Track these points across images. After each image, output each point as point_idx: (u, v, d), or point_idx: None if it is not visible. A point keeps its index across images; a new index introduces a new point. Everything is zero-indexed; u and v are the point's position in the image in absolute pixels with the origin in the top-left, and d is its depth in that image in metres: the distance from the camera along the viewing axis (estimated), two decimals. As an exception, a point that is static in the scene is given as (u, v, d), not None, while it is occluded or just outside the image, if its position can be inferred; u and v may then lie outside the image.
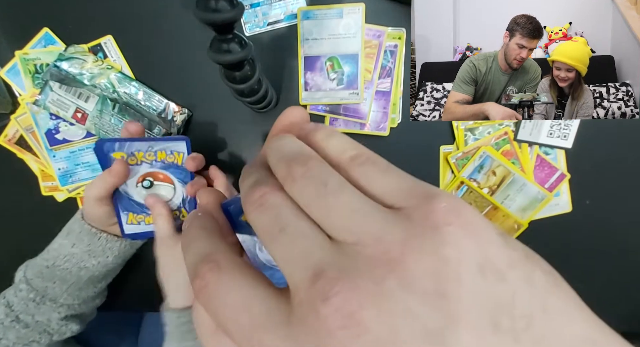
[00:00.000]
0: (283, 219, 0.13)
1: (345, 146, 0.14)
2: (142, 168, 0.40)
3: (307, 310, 0.10)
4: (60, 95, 0.46)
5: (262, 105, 0.43)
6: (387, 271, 0.10)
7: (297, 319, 0.11)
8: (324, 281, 0.10)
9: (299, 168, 0.13)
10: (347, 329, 0.10)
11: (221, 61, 0.30)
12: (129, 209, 0.41)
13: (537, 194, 0.46)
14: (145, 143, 0.39)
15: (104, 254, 0.42)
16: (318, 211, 0.12)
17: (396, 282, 0.10)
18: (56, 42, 0.47)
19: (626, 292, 0.48)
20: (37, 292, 0.40)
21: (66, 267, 0.41)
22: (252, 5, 0.45)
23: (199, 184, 0.42)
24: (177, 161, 0.41)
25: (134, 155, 0.39)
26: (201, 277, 0.13)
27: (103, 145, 0.38)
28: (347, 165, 0.14)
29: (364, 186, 0.13)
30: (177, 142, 0.41)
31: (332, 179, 0.13)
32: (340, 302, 0.10)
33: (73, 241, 0.41)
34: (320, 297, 0.10)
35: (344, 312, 0.10)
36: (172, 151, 0.41)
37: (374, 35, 0.44)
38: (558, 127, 0.45)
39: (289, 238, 0.12)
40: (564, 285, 0.11)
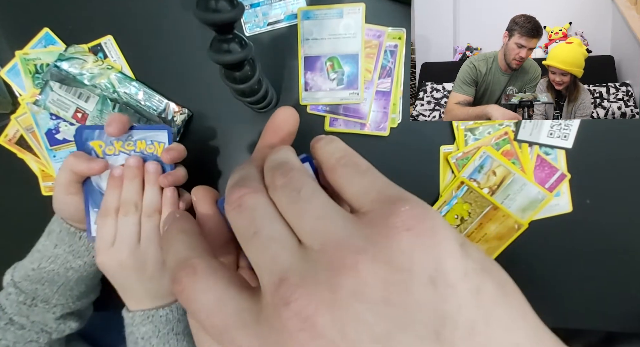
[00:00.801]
0: (257, 222, 0.13)
1: (335, 149, 0.15)
2: (120, 159, 0.37)
3: (272, 312, 0.11)
4: (60, 96, 0.46)
5: (262, 105, 0.43)
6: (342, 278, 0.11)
7: (265, 319, 0.12)
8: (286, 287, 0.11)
9: (280, 177, 0.14)
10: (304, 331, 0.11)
11: (221, 61, 0.30)
12: (99, 206, 0.38)
13: (537, 194, 0.45)
14: None
15: (88, 254, 0.41)
16: (292, 216, 0.13)
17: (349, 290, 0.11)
18: (56, 42, 0.47)
19: (627, 292, 0.48)
20: (27, 295, 0.39)
21: (52, 269, 0.39)
22: (252, 5, 0.45)
23: (175, 176, 0.39)
24: (157, 152, 0.38)
25: (113, 145, 0.37)
26: (178, 282, 0.14)
27: (82, 132, 0.37)
28: (333, 166, 0.15)
29: (342, 186, 0.14)
30: (158, 131, 0.38)
31: (307, 186, 0.14)
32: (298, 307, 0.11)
33: (55, 241, 0.40)
34: (282, 302, 0.11)
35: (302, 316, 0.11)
36: (152, 141, 0.38)
37: (374, 35, 0.44)
38: (558, 127, 0.45)
39: (261, 241, 0.13)
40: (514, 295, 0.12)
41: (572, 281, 0.47)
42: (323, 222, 0.13)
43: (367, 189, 0.13)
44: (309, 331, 0.11)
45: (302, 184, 0.14)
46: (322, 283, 0.11)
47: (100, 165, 0.36)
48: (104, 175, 0.38)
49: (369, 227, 0.12)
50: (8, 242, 0.51)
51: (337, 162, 0.15)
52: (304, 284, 0.11)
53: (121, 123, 0.36)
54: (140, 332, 0.38)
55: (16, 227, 0.51)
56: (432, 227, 0.11)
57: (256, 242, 0.13)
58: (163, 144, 0.38)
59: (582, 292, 0.47)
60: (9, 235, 0.51)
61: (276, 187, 0.14)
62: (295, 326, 0.11)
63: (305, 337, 0.11)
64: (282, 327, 0.11)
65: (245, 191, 0.14)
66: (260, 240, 0.13)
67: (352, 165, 0.14)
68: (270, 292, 0.12)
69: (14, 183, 0.50)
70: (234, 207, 0.14)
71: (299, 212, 0.13)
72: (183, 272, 0.14)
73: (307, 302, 0.11)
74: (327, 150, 0.15)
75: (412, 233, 0.11)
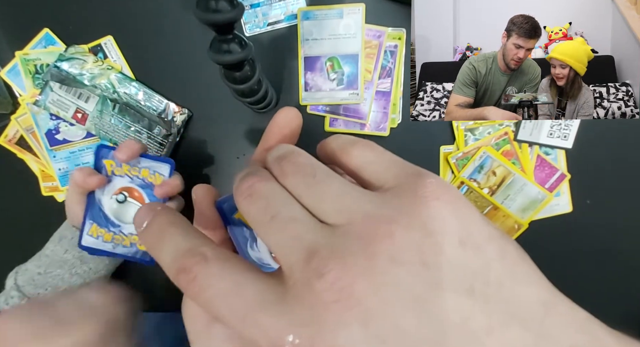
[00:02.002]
0: (273, 207, 0.13)
1: (347, 138, 0.16)
2: (123, 181, 0.40)
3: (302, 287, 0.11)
4: (60, 96, 0.46)
5: (262, 105, 0.43)
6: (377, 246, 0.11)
7: (293, 297, 0.11)
8: (317, 259, 0.11)
9: (290, 165, 0.14)
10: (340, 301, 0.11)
11: (221, 61, 0.30)
12: (95, 220, 0.41)
13: (537, 195, 0.46)
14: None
15: (94, 260, 0.42)
16: (311, 200, 0.13)
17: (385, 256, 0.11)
18: (56, 43, 0.47)
19: (627, 292, 0.48)
20: (29, 299, 0.39)
21: (58, 274, 0.40)
22: (252, 6, 0.45)
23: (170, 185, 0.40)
24: (156, 183, 0.41)
25: (121, 167, 0.40)
26: (188, 271, 0.13)
27: (101, 151, 0.39)
28: (349, 150, 0.15)
29: (361, 166, 0.14)
30: (162, 163, 0.40)
31: (319, 170, 0.14)
32: (333, 278, 0.11)
33: (65, 247, 0.41)
34: (315, 275, 0.11)
35: (338, 286, 0.11)
36: (154, 171, 0.40)
37: (374, 36, 0.44)
38: (558, 127, 0.45)
39: (281, 224, 0.13)
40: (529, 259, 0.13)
41: (572, 281, 0.47)
42: (346, 199, 0.13)
43: (388, 166, 0.14)
44: (345, 301, 0.11)
45: (315, 169, 0.14)
46: (356, 253, 0.11)
47: (94, 181, 0.38)
48: (106, 191, 0.40)
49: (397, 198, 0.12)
50: (8, 243, 0.51)
51: (352, 146, 0.15)
52: (337, 256, 0.11)
53: (131, 151, 0.38)
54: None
55: (16, 228, 0.51)
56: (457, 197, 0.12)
57: (276, 225, 0.13)
58: (163, 176, 0.40)
59: (582, 292, 0.47)
60: (9, 235, 0.51)
61: (287, 175, 0.14)
62: (331, 297, 0.11)
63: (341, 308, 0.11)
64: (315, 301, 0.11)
65: (255, 179, 0.14)
66: (279, 222, 0.13)
67: (368, 147, 0.15)
68: (299, 269, 0.12)
69: (14, 183, 0.50)
70: (245, 196, 0.14)
71: (318, 194, 0.13)
72: (192, 260, 0.13)
73: (343, 272, 0.11)
74: (339, 140, 0.16)
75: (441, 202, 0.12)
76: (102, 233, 0.41)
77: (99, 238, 0.41)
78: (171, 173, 0.40)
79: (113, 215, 0.41)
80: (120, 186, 0.40)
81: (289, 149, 0.15)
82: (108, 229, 0.41)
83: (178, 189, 0.40)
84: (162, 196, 0.39)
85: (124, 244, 0.41)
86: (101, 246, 0.41)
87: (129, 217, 0.41)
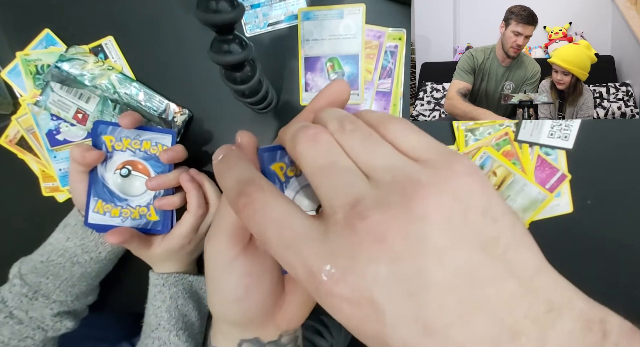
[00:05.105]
0: (333, 154, 0.15)
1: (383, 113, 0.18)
2: (125, 155, 0.40)
3: (344, 227, 0.13)
4: (61, 96, 0.46)
5: (262, 106, 0.43)
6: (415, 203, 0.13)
7: (333, 233, 0.14)
8: (362, 205, 0.13)
9: (349, 124, 0.16)
10: (375, 242, 0.13)
11: (222, 62, 0.30)
12: (99, 196, 0.41)
13: (537, 195, 0.45)
14: (134, 131, 0.40)
15: (96, 249, 0.42)
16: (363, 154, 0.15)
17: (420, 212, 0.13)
18: (57, 43, 0.47)
19: (627, 292, 0.48)
20: (30, 287, 0.40)
21: (59, 262, 0.41)
22: (253, 6, 0.46)
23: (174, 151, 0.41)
24: (159, 153, 0.41)
25: (121, 141, 0.40)
26: (247, 195, 0.15)
27: (98, 127, 0.40)
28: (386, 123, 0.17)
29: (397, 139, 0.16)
30: (163, 134, 0.41)
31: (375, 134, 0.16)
32: (374, 222, 0.13)
33: (68, 234, 0.42)
34: (358, 217, 0.13)
35: (376, 230, 0.13)
36: (156, 142, 0.41)
37: (375, 36, 0.44)
38: (559, 127, 0.45)
39: (337, 170, 0.15)
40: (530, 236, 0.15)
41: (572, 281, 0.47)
42: (394, 160, 0.15)
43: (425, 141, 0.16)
44: (379, 242, 0.13)
45: (372, 131, 0.16)
46: (395, 206, 0.13)
47: (93, 156, 0.39)
48: (108, 167, 0.40)
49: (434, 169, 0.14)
50: (8, 243, 0.51)
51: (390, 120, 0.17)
52: (380, 205, 0.13)
53: (133, 117, 0.39)
54: (170, 292, 0.43)
55: (16, 228, 0.51)
56: (484, 177, 0.15)
57: (332, 170, 0.15)
58: (166, 146, 0.41)
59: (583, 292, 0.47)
60: (9, 235, 0.51)
61: (345, 131, 0.16)
62: (368, 237, 0.13)
63: (374, 248, 0.13)
64: (354, 239, 0.13)
65: (320, 129, 0.16)
66: (336, 169, 0.15)
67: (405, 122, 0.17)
68: (344, 211, 0.14)
69: (15, 184, 0.50)
70: (309, 139, 0.16)
71: (372, 151, 0.15)
72: (252, 187, 0.15)
73: (382, 219, 0.13)
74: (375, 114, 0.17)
75: (472, 178, 0.14)
76: (109, 209, 0.41)
77: (105, 214, 0.41)
78: (173, 142, 0.41)
79: (118, 189, 0.41)
80: (122, 161, 0.40)
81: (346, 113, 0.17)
82: (115, 204, 0.41)
83: (182, 155, 0.42)
84: (167, 160, 0.40)
85: (133, 217, 0.42)
86: (109, 222, 0.41)
87: (135, 190, 0.41)
